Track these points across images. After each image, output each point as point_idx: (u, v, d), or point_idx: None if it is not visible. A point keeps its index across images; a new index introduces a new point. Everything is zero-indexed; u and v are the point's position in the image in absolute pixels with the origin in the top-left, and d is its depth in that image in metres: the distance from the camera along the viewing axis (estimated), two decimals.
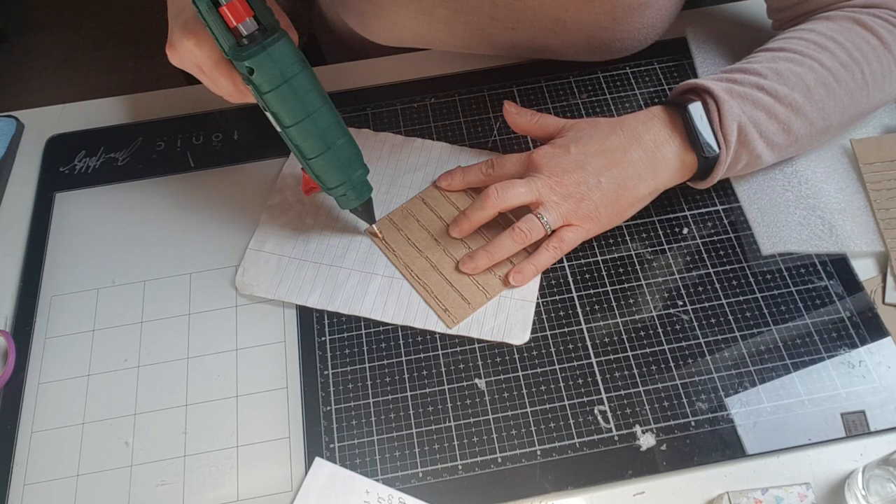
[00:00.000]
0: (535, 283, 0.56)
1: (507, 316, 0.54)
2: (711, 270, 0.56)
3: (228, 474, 0.50)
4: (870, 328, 0.53)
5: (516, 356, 0.53)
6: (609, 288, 0.56)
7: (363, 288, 0.56)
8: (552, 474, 0.48)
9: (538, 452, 0.49)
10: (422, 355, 0.53)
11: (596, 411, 0.51)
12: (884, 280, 0.55)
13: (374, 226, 0.58)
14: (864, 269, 0.56)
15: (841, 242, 0.56)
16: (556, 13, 0.60)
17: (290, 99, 0.47)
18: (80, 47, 1.82)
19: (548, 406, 0.51)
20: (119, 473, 0.50)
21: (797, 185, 0.59)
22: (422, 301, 0.55)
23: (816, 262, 0.56)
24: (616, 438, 0.50)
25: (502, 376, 0.52)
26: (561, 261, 0.57)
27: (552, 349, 0.53)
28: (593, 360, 0.53)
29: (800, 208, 0.58)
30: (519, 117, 0.59)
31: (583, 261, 0.57)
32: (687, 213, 0.59)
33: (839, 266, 0.56)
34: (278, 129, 0.49)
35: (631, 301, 0.55)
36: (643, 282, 0.56)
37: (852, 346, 0.52)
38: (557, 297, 0.55)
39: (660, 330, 0.54)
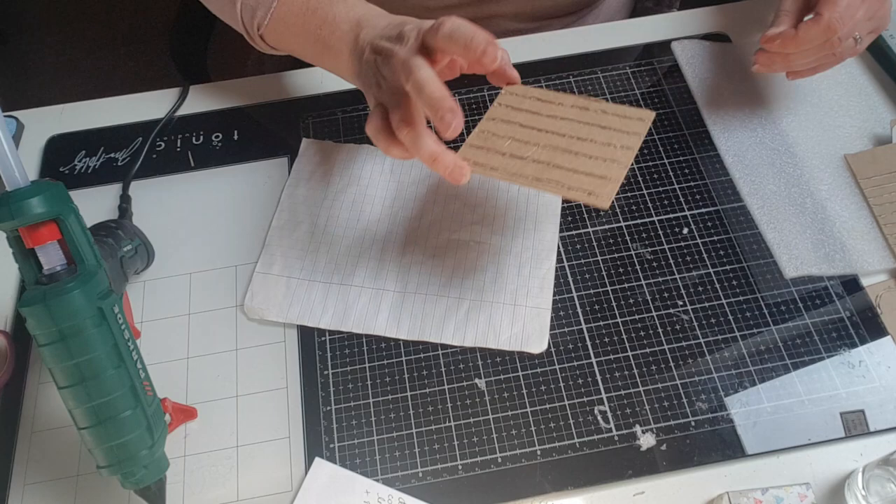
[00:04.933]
0: (549, 291, 0.55)
1: (524, 325, 0.54)
2: (711, 270, 0.56)
3: (228, 474, 0.50)
4: (870, 328, 0.53)
5: (516, 356, 0.53)
6: (609, 288, 0.56)
7: (375, 305, 0.55)
8: (552, 474, 0.48)
9: (538, 452, 0.49)
10: (422, 355, 0.53)
11: (596, 411, 0.51)
12: None
13: (459, 155, 0.50)
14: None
15: (854, 264, 0.55)
16: None
17: (64, 359, 0.40)
18: (80, 47, 1.82)
19: (548, 406, 0.51)
20: None
21: (804, 203, 0.58)
22: (437, 314, 0.54)
23: None
24: (616, 438, 0.50)
25: (502, 376, 0.52)
26: (561, 261, 0.57)
27: (552, 349, 0.53)
28: (593, 360, 0.53)
29: (812, 230, 0.57)
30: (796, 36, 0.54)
31: (583, 261, 0.57)
32: (687, 213, 0.59)
33: None
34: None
35: (631, 301, 0.55)
36: (643, 282, 0.56)
37: (852, 346, 0.52)
38: (557, 297, 0.55)
39: (660, 330, 0.54)
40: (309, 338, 0.55)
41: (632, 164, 0.59)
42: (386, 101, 0.49)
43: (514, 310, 0.55)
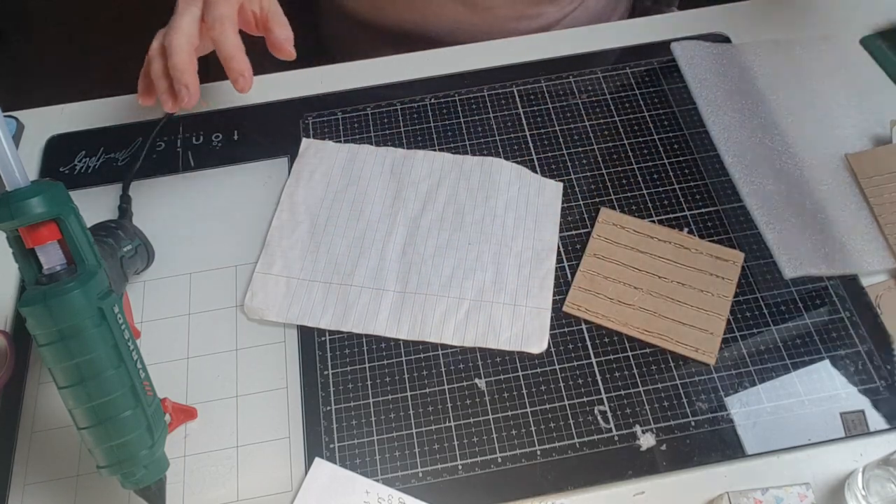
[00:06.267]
0: (549, 291, 0.55)
1: (524, 325, 0.54)
2: None
3: (228, 474, 0.50)
4: (870, 328, 0.53)
5: (516, 356, 0.53)
6: None
7: (375, 305, 0.55)
8: (552, 474, 0.48)
9: (538, 452, 0.49)
10: (422, 355, 0.53)
11: (596, 411, 0.51)
12: None
13: (569, 300, 0.55)
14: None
15: (854, 264, 0.55)
16: None
17: (64, 359, 0.40)
18: (80, 47, 1.82)
19: (548, 406, 0.51)
20: None
21: (804, 203, 0.58)
22: (437, 314, 0.54)
23: None
24: (616, 438, 0.50)
25: (502, 376, 0.52)
26: (561, 261, 0.57)
27: (552, 349, 0.53)
28: (593, 360, 0.53)
29: (812, 230, 0.57)
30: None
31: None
32: (687, 213, 0.59)
33: None
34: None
35: None
36: None
37: (852, 346, 0.52)
38: (557, 297, 0.55)
39: None
40: (309, 338, 0.55)
41: (640, 163, 0.62)
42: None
43: (514, 310, 0.55)
